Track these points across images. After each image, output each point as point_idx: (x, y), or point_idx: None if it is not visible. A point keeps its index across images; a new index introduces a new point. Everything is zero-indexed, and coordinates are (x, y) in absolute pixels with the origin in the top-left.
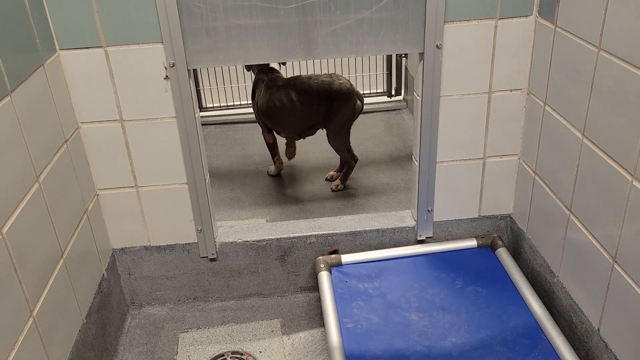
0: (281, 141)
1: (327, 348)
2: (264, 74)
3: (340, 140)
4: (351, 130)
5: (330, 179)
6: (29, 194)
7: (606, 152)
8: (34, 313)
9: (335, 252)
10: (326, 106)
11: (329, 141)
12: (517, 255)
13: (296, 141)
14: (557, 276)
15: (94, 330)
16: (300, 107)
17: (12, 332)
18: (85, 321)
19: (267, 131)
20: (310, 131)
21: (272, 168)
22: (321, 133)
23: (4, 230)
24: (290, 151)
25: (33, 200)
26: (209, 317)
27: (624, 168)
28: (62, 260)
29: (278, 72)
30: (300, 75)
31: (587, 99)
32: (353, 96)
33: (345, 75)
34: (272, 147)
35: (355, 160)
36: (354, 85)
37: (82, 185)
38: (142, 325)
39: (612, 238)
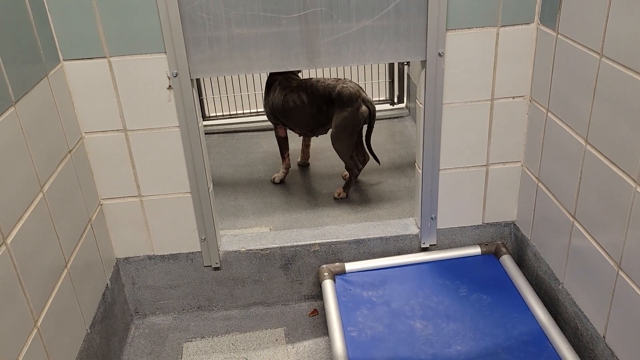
0: (293, 146)
1: (331, 357)
2: (278, 74)
3: (341, 144)
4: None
5: (345, 178)
6: (33, 204)
7: (609, 158)
8: (38, 323)
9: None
10: (330, 108)
11: (332, 143)
12: (521, 262)
13: (309, 149)
14: (562, 283)
15: (98, 340)
16: (310, 109)
17: (17, 342)
18: (89, 331)
19: (281, 126)
20: (321, 129)
21: (277, 176)
22: (327, 141)
23: (9, 240)
24: (306, 152)
25: (37, 211)
26: (213, 326)
27: (627, 174)
28: (66, 270)
29: (294, 74)
30: (312, 78)
31: (590, 106)
32: (355, 101)
33: None
34: (284, 142)
35: (359, 169)
36: (363, 91)
37: (86, 195)
38: (146, 335)
39: (616, 245)
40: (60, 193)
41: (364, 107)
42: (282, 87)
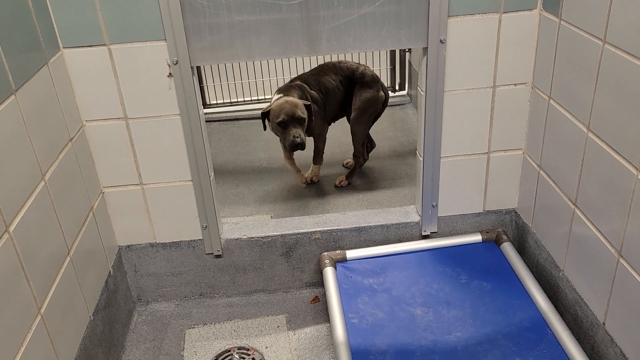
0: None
1: (332, 343)
2: (291, 87)
3: (360, 127)
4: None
5: (346, 166)
6: (35, 193)
7: (611, 145)
8: (42, 310)
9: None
10: (351, 90)
11: (351, 127)
12: (522, 249)
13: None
14: (562, 270)
15: (101, 327)
16: (341, 90)
17: (21, 329)
18: (92, 318)
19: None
20: (340, 114)
21: (314, 175)
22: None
23: (11, 228)
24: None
25: (39, 199)
26: (215, 313)
27: (629, 162)
28: (68, 258)
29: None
30: (330, 61)
31: (592, 93)
32: (376, 83)
33: None
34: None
35: (364, 159)
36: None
37: (88, 183)
38: (148, 322)
39: (617, 232)
40: (61, 181)
41: (382, 92)
42: (307, 83)
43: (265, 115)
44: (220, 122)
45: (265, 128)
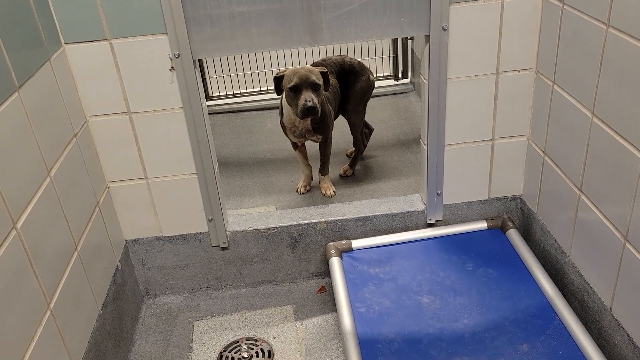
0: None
1: (340, 333)
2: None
3: (358, 117)
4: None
5: (350, 156)
6: (41, 189)
7: (616, 130)
8: (51, 305)
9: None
10: (344, 81)
11: (349, 118)
12: (527, 236)
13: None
14: (568, 256)
15: (110, 321)
16: (339, 84)
17: (31, 324)
18: (101, 312)
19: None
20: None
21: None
22: None
23: (18, 225)
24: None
25: (45, 195)
26: (222, 304)
27: (634, 146)
28: (76, 253)
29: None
30: (317, 61)
31: (597, 78)
32: (364, 69)
33: None
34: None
35: (364, 145)
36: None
37: (93, 178)
38: (157, 315)
39: (623, 217)
40: (67, 177)
41: (371, 76)
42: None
43: (279, 80)
44: (224, 114)
45: (278, 93)
